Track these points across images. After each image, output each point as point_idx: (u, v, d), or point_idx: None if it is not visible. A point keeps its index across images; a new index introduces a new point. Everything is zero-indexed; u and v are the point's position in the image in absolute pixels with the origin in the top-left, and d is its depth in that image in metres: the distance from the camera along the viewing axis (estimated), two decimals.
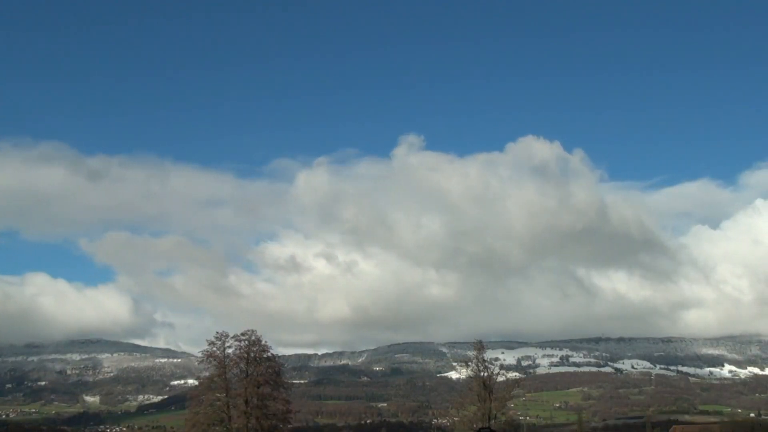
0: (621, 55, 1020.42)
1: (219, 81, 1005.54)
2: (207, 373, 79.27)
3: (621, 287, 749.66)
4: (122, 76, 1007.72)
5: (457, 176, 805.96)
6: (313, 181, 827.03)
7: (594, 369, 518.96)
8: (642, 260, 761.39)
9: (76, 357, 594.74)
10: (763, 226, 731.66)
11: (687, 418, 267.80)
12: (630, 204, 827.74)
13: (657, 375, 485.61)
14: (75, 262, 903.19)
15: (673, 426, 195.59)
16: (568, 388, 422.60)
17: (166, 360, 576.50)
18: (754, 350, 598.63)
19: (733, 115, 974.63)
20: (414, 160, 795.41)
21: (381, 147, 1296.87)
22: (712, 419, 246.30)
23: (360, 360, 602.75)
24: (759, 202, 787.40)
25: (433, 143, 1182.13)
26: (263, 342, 79.04)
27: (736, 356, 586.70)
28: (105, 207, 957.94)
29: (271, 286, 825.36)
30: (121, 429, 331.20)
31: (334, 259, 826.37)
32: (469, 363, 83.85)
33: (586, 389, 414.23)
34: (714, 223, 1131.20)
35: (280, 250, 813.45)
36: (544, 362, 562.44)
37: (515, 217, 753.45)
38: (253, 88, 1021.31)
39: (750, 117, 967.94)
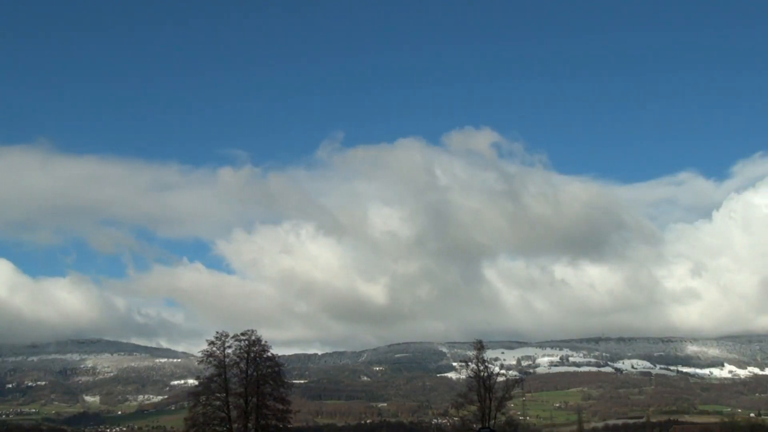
0: (614, 55, 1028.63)
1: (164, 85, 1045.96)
2: (207, 373, 79.18)
3: (614, 284, 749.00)
4: (61, 75, 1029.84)
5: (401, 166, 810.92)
6: (238, 176, 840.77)
7: (594, 369, 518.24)
8: (631, 255, 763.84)
9: (76, 357, 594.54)
10: (756, 221, 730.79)
11: (687, 418, 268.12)
12: (611, 198, 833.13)
13: (657, 375, 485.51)
14: (29, 253, 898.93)
15: (673, 426, 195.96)
16: (568, 388, 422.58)
17: (166, 360, 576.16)
18: (754, 350, 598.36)
19: (720, 112, 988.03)
20: (344, 153, 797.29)
21: (308, 142, 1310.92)
22: (712, 419, 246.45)
23: (360, 360, 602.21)
24: (748, 194, 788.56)
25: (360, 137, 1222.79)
26: (263, 342, 79.00)
27: (736, 356, 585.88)
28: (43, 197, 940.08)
29: (230, 280, 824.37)
30: (121, 429, 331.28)
31: (291, 252, 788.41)
32: (469, 363, 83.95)
33: (586, 389, 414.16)
34: (707, 218, 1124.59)
35: (227, 246, 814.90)
36: (544, 362, 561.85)
37: (483, 209, 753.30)
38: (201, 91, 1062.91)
39: (740, 113, 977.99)
